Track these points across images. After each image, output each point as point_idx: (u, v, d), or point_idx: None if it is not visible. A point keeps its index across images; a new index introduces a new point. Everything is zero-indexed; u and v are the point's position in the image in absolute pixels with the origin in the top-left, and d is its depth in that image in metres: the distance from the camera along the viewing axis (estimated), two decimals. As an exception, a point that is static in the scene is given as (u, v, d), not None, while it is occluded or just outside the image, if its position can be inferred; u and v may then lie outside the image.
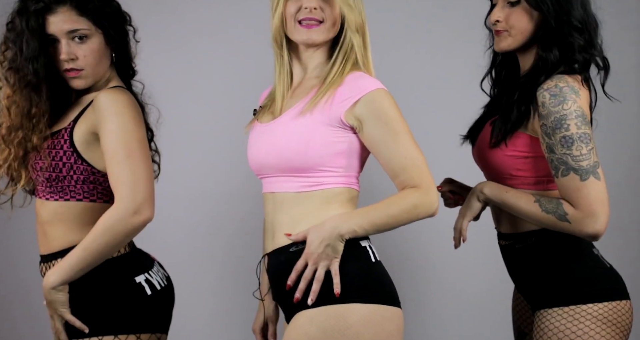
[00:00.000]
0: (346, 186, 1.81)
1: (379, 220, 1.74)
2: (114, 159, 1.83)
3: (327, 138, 1.77)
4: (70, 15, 1.88)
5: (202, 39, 3.14)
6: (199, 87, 3.17)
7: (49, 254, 1.94)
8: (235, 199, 3.16)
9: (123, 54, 2.02)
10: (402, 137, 1.75)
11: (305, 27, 1.79)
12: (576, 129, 1.81)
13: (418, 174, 1.75)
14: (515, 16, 1.90)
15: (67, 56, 1.89)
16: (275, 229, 1.84)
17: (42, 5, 1.87)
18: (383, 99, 1.76)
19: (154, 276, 1.97)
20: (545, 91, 1.83)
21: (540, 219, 1.86)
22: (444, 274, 3.20)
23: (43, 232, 1.96)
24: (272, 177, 1.84)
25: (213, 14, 3.13)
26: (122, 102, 1.87)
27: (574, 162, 1.81)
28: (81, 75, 1.92)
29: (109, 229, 1.82)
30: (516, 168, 1.92)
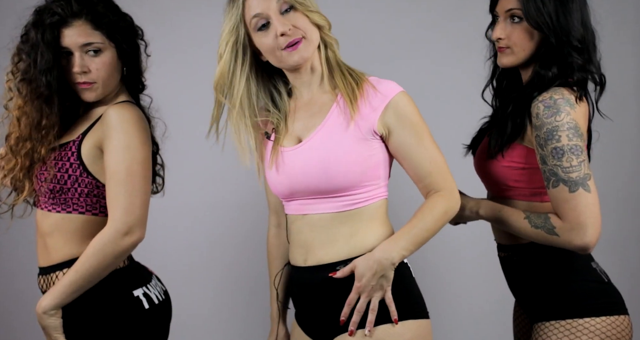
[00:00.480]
0: (383, 198, 1.82)
1: (420, 237, 1.75)
2: (114, 178, 1.85)
3: (364, 153, 1.75)
4: (85, 29, 1.90)
5: (209, 52, 3.14)
6: (205, 101, 3.16)
7: (49, 266, 1.94)
8: (239, 213, 3.16)
9: (134, 68, 2.04)
10: (425, 140, 1.78)
11: (291, 50, 1.75)
12: (567, 141, 1.80)
13: (442, 177, 1.78)
14: (517, 34, 1.91)
15: (80, 69, 1.90)
16: (309, 246, 1.81)
17: (57, 18, 1.88)
18: (406, 103, 1.77)
19: (152, 290, 1.97)
20: (540, 103, 1.84)
21: (531, 234, 1.86)
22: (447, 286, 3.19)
23: (43, 243, 1.96)
24: (304, 200, 1.80)
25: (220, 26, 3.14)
26: (130, 120, 1.88)
27: (564, 174, 1.81)
28: (93, 87, 1.93)
29: (99, 251, 1.83)
30: (513, 179, 1.93)
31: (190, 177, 3.11)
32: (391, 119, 1.76)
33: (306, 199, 1.79)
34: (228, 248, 3.18)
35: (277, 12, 1.75)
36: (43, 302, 1.86)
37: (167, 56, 3.02)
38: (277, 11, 1.75)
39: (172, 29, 3.10)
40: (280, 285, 1.99)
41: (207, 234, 3.18)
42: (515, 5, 1.89)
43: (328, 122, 1.78)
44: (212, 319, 3.18)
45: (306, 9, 1.76)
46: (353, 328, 1.74)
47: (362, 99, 1.77)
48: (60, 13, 1.88)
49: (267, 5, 1.75)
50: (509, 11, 1.91)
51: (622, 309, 1.90)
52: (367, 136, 1.75)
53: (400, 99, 1.77)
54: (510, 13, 1.91)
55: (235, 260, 3.17)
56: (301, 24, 1.75)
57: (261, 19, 1.76)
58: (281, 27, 1.73)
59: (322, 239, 1.78)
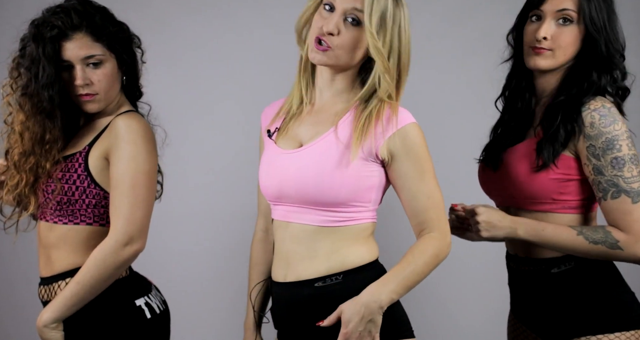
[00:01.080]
0: (371, 221, 1.77)
1: (410, 281, 1.70)
2: (117, 189, 1.86)
3: (361, 172, 1.70)
4: (86, 42, 1.89)
5: (207, 59, 3.15)
6: (204, 108, 3.17)
7: (51, 276, 1.94)
8: (238, 220, 3.14)
9: (132, 76, 2.04)
10: (426, 175, 1.72)
11: (317, 48, 1.70)
12: (628, 150, 1.77)
13: (437, 217, 1.73)
14: (564, 37, 1.84)
15: (82, 82, 1.89)
16: (290, 259, 1.76)
17: (57, 31, 1.86)
18: (416, 135, 1.71)
19: (153, 300, 1.97)
20: (594, 111, 1.78)
21: (589, 251, 1.79)
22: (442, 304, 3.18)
23: (46, 255, 1.95)
24: (290, 206, 1.76)
25: (219, 34, 3.15)
26: (138, 131, 1.88)
27: (626, 184, 1.76)
28: (95, 99, 1.92)
29: (100, 261, 1.84)
30: (559, 191, 1.85)
31: (188, 184, 3.11)
32: (397, 146, 1.70)
33: (292, 206, 1.75)
34: (227, 256, 3.17)
35: (343, 13, 1.69)
36: (44, 315, 1.85)
37: (165, 63, 3.03)
38: (344, 13, 1.69)
39: (170, 36, 3.10)
40: (259, 295, 1.94)
41: (205, 241, 3.17)
42: (570, 6, 1.82)
43: (333, 132, 1.74)
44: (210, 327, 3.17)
45: (375, 47, 1.67)
46: None
47: (377, 123, 1.71)
48: (60, 26, 1.86)
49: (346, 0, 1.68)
50: (562, 11, 1.83)
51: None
52: (369, 157, 1.71)
53: (411, 129, 1.71)
54: (562, 14, 1.83)
55: (233, 268, 3.15)
56: (347, 40, 1.69)
57: (331, 1, 1.70)
58: (330, 26, 1.68)
59: (302, 252, 1.74)
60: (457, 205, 1.99)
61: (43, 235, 1.96)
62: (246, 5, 3.11)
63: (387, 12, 1.67)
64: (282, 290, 1.80)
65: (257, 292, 1.95)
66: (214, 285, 3.18)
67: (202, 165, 3.15)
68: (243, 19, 3.12)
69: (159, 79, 2.45)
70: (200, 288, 3.17)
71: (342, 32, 1.69)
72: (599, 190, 1.79)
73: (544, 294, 1.91)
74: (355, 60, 1.73)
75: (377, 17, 1.66)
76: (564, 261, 1.87)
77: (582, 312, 1.85)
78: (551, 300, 1.90)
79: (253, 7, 3.12)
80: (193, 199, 3.13)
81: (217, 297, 3.18)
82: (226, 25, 3.13)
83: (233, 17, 3.13)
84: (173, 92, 3.08)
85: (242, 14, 3.12)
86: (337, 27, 1.68)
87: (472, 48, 2.76)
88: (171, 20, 3.12)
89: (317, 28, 1.71)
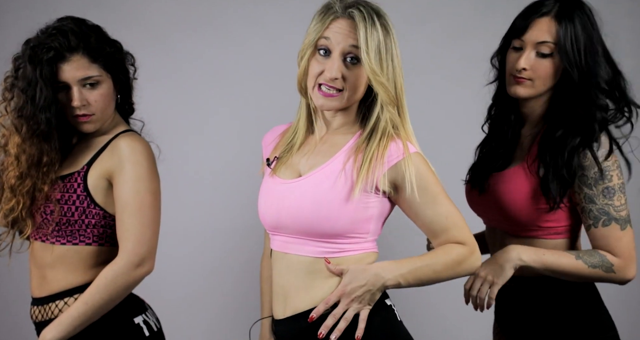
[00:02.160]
0: (369, 251, 1.74)
1: (424, 275, 1.69)
2: (125, 210, 1.86)
3: (360, 204, 1.67)
4: (83, 63, 1.87)
5: (203, 73, 3.15)
6: (200, 125, 3.17)
7: (47, 296, 1.92)
8: (234, 236, 3.15)
9: (125, 93, 2.03)
10: (440, 199, 1.69)
11: (322, 94, 1.68)
12: (617, 180, 1.84)
13: (461, 232, 1.70)
14: (543, 68, 1.87)
15: (80, 103, 1.87)
16: (287, 293, 1.74)
17: (54, 53, 1.84)
18: (419, 163, 1.68)
19: (150, 317, 1.98)
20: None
21: (587, 274, 1.85)
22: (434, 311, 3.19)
23: (41, 275, 1.93)
24: (287, 236, 1.74)
25: (215, 48, 3.14)
26: (142, 151, 1.89)
27: (616, 212, 1.83)
28: (92, 119, 1.91)
29: (111, 282, 1.84)
30: (546, 219, 1.90)
31: (183, 200, 3.10)
32: (398, 177, 1.67)
33: (290, 237, 1.73)
34: (224, 275, 3.15)
35: (341, 55, 1.67)
36: (47, 335, 1.84)
37: (161, 78, 3.02)
38: (342, 54, 1.67)
39: (166, 51, 3.09)
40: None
41: (201, 258, 3.15)
42: (550, 39, 1.85)
43: (333, 164, 1.72)
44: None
45: (375, 78, 1.66)
46: (323, 331, 1.67)
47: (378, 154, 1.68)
48: (57, 48, 1.84)
49: (339, 40, 1.66)
50: (542, 43, 1.86)
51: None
52: (368, 189, 1.67)
53: (415, 157, 1.68)
54: (542, 46, 1.86)
55: (229, 284, 3.15)
56: (351, 80, 1.68)
57: (326, 45, 1.68)
58: (333, 72, 1.66)
59: (299, 284, 1.72)
60: None
61: (38, 256, 1.94)
62: (243, 20, 3.10)
63: (380, 44, 1.65)
64: (282, 327, 1.77)
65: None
66: (209, 305, 3.17)
67: (197, 181, 3.13)
68: (240, 33, 3.10)
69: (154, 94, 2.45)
70: (195, 308, 3.16)
71: (345, 74, 1.68)
72: (590, 217, 1.85)
73: (524, 304, 1.95)
74: (359, 97, 1.73)
75: (374, 51, 1.65)
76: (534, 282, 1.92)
77: (559, 325, 1.90)
78: (531, 310, 1.94)
79: (250, 22, 3.12)
80: (188, 215, 3.12)
81: (215, 319, 3.17)
82: (222, 40, 3.12)
83: (229, 31, 3.12)
84: (169, 107, 3.07)
85: (239, 29, 3.11)
86: (340, 71, 1.67)
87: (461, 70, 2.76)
88: (167, 35, 3.10)
89: (317, 74, 1.69)
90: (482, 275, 1.87)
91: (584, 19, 1.86)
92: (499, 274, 1.85)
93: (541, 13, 1.87)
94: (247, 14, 3.11)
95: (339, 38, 1.66)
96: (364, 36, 1.64)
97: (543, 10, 1.87)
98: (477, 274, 1.88)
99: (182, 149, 3.09)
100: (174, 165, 2.53)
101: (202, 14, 3.12)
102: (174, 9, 3.11)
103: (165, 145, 2.14)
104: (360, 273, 1.67)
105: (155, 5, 3.10)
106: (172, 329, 2.27)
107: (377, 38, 1.65)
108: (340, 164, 1.71)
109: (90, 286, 1.85)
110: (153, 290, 2.27)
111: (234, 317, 3.12)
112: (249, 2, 3.12)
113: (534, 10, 1.89)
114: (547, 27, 1.85)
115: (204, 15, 3.12)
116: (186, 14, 3.11)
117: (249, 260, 3.05)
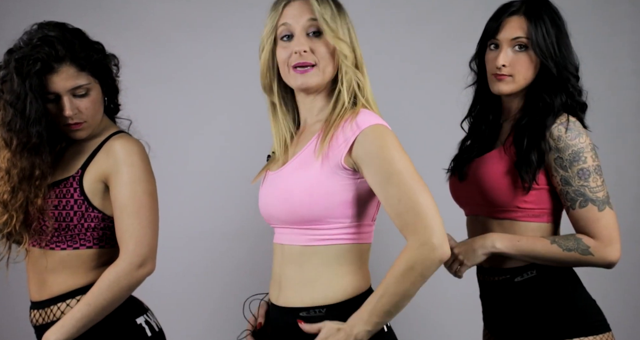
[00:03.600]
0: (354, 242, 1.70)
1: (387, 306, 1.58)
2: (124, 212, 1.86)
3: (331, 187, 1.64)
4: (72, 73, 1.86)
5: (199, 75, 3.15)
6: (199, 127, 3.16)
7: (48, 299, 1.92)
8: (231, 240, 3.14)
9: (111, 95, 2.03)
10: (395, 178, 1.58)
11: (299, 72, 1.72)
12: (592, 162, 1.88)
13: (412, 221, 1.56)
14: (521, 62, 1.94)
15: (71, 112, 1.86)
16: (282, 282, 1.75)
17: (41, 65, 1.81)
18: (376, 136, 1.61)
19: (152, 317, 1.99)
20: (560, 125, 1.89)
21: (563, 258, 1.89)
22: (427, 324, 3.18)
23: (40, 279, 1.93)
24: (281, 228, 1.76)
25: (212, 50, 3.14)
26: (137, 152, 1.89)
27: (592, 193, 1.87)
28: (84, 127, 1.91)
29: (114, 283, 1.84)
30: (524, 200, 1.94)
31: (185, 203, 3.10)
32: (359, 153, 1.62)
33: (281, 227, 1.76)
34: (221, 275, 3.14)
35: (303, 31, 1.72)
36: (51, 337, 1.84)
37: (157, 79, 3.02)
38: (304, 30, 1.73)
39: (162, 54, 3.09)
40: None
41: (196, 259, 3.15)
42: (522, 34, 1.94)
43: (304, 151, 1.73)
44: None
45: (335, 36, 1.71)
46: None
47: (338, 131, 1.67)
48: (44, 59, 1.81)
49: (297, 20, 1.72)
50: (516, 39, 1.94)
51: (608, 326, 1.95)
52: (336, 170, 1.64)
53: (370, 132, 1.62)
54: (516, 41, 1.95)
55: (226, 285, 3.14)
56: (320, 52, 1.72)
57: (286, 30, 1.74)
58: (298, 46, 1.71)
59: (292, 275, 1.72)
60: None
61: (37, 261, 1.93)
62: (241, 23, 3.10)
63: (334, 14, 1.73)
64: (274, 313, 1.79)
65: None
66: (205, 306, 3.16)
67: (196, 182, 3.13)
68: (238, 36, 3.11)
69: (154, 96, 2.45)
70: (191, 309, 3.15)
71: (312, 47, 1.72)
72: (567, 199, 1.90)
73: (510, 303, 1.98)
74: (334, 69, 1.75)
75: (329, 17, 1.71)
76: (526, 269, 1.95)
77: (544, 319, 1.92)
78: (516, 309, 1.97)
79: (248, 25, 3.11)
80: (186, 216, 3.11)
81: (211, 319, 3.16)
82: (222, 43, 3.13)
83: (229, 34, 3.13)
84: (168, 109, 3.08)
85: (238, 31, 3.11)
86: (307, 45, 1.72)
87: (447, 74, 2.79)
88: (167, 38, 3.11)
89: (286, 58, 1.73)
90: (455, 253, 1.97)
91: (551, 14, 1.97)
92: (470, 257, 1.94)
93: (510, 12, 1.98)
94: (246, 16, 3.10)
95: (296, 18, 1.73)
96: (317, 6, 1.71)
97: (512, 10, 1.98)
98: (453, 250, 1.96)
99: (182, 150, 3.08)
100: (174, 167, 2.54)
101: (201, 17, 3.13)
102: (174, 11, 3.12)
103: (165, 147, 2.15)
104: (332, 331, 1.62)
105: (154, 8, 3.11)
106: (172, 329, 2.27)
107: (329, 9, 1.73)
108: (311, 149, 1.71)
109: (92, 287, 1.85)
110: (151, 291, 2.27)
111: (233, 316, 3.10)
112: (248, 5, 3.11)
113: (503, 11, 2.01)
114: (518, 24, 1.96)
115: (203, 18, 3.13)
116: (186, 16, 3.12)
117: (246, 260, 3.06)
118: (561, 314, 1.91)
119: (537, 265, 1.94)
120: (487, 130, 2.09)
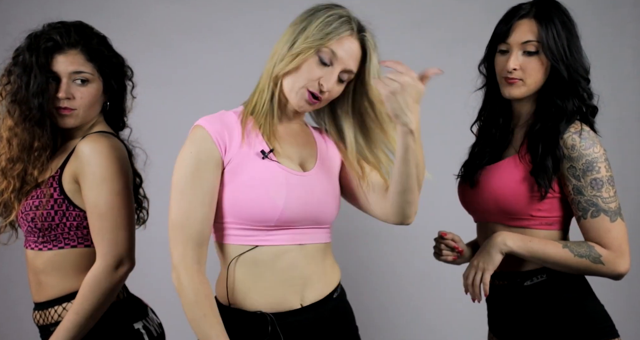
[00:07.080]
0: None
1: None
2: (95, 213, 1.85)
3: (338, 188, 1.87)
4: (79, 59, 1.91)
5: (199, 78, 3.14)
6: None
7: (45, 301, 1.92)
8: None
9: (117, 106, 2.03)
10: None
11: (309, 98, 1.74)
12: (605, 172, 1.86)
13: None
14: (531, 66, 1.92)
15: (65, 95, 1.89)
16: (308, 280, 1.75)
17: (52, 44, 1.89)
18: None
19: (150, 323, 1.97)
20: (574, 134, 1.87)
21: (572, 264, 1.87)
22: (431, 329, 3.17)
23: (37, 281, 1.93)
24: (303, 228, 1.76)
25: (213, 54, 3.11)
26: (102, 152, 1.86)
27: (604, 204, 1.85)
28: (72, 114, 1.92)
29: (95, 287, 1.83)
30: (538, 208, 1.92)
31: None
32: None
33: (305, 228, 1.76)
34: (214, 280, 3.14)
35: (337, 71, 1.74)
36: None
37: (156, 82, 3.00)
38: (338, 71, 1.74)
39: (164, 56, 3.06)
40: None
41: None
42: (533, 38, 1.91)
43: (320, 155, 1.84)
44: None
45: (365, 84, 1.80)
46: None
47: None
48: (57, 40, 1.89)
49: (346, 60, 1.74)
50: (526, 43, 1.92)
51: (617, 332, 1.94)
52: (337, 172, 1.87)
53: None
54: (526, 45, 1.92)
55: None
56: (333, 95, 1.77)
57: (331, 60, 1.73)
58: (329, 84, 1.73)
59: (318, 271, 1.78)
60: (447, 234, 2.07)
61: (31, 263, 1.94)
62: (243, 25, 3.08)
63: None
64: (306, 315, 1.75)
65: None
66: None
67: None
68: (240, 38, 3.09)
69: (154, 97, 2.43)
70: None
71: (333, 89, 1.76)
72: (579, 209, 1.88)
73: (519, 308, 1.95)
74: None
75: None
76: (536, 273, 1.93)
77: (553, 323, 1.90)
78: (525, 313, 1.94)
79: (250, 27, 3.11)
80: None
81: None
82: (223, 45, 3.11)
83: (230, 36, 3.11)
84: (168, 111, 3.05)
85: (239, 34, 3.10)
86: (334, 85, 1.75)
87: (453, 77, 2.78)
88: (168, 40, 3.07)
89: (315, 78, 1.73)
90: (475, 264, 1.93)
91: (562, 16, 1.94)
92: (488, 260, 1.91)
93: (520, 15, 1.95)
94: (248, 19, 3.10)
95: (345, 59, 1.74)
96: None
97: (522, 13, 1.95)
98: (471, 262, 1.95)
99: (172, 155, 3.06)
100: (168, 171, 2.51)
101: (203, 20, 3.11)
102: (175, 14, 3.10)
103: (165, 148, 2.14)
104: None
105: (156, 10, 3.09)
106: (172, 330, 2.25)
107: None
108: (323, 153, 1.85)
109: (77, 296, 1.85)
110: (151, 291, 2.27)
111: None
112: (250, 7, 3.11)
113: (513, 14, 1.97)
114: (528, 28, 1.92)
115: (205, 21, 3.11)
116: (187, 19, 3.10)
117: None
118: (570, 319, 1.88)
119: (547, 269, 1.91)
120: (497, 135, 2.06)
